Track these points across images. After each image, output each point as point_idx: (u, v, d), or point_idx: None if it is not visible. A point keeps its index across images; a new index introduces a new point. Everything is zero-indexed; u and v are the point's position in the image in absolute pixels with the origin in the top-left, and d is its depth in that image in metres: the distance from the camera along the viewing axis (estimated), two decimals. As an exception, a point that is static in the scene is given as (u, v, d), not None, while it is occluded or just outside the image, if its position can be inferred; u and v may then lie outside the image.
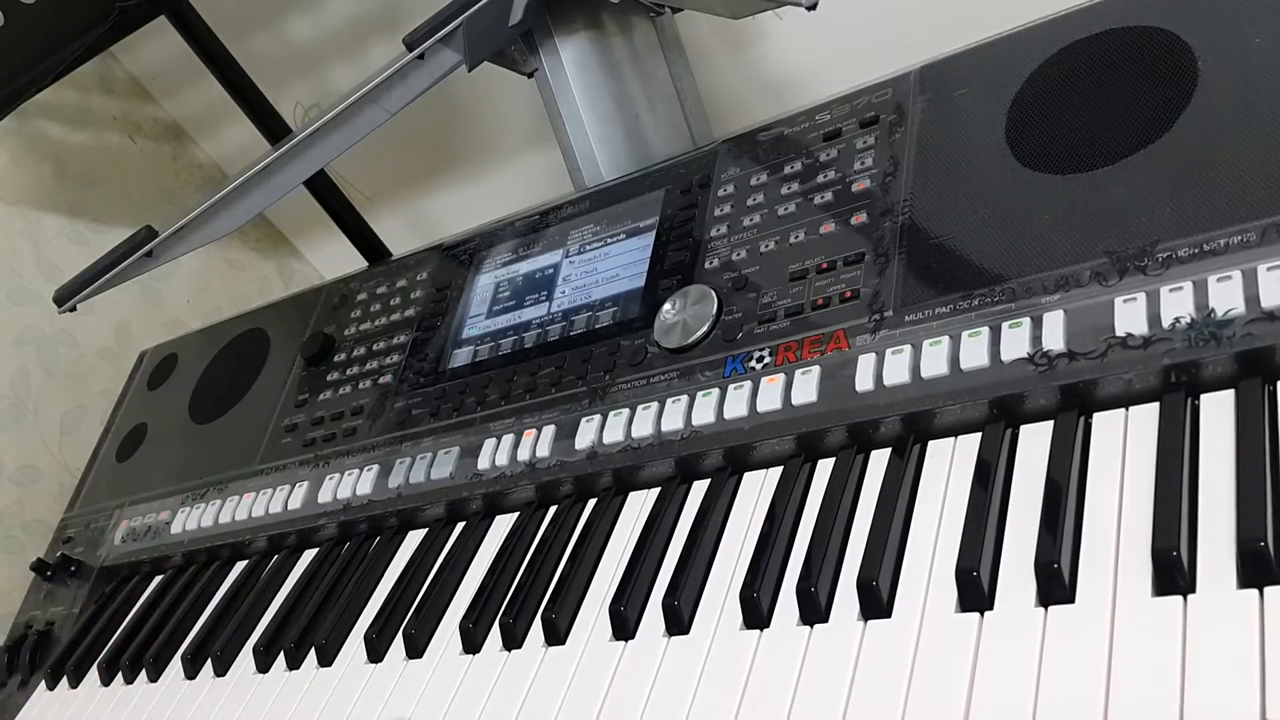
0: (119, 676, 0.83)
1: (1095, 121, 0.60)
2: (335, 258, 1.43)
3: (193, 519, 0.91)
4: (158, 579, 0.94)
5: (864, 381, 0.59)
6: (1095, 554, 0.47)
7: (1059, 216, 0.58)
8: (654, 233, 0.78)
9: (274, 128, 1.08)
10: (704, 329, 0.69)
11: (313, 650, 0.72)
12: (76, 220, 1.31)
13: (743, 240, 0.72)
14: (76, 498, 1.06)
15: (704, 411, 0.65)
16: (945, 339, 0.58)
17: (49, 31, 0.93)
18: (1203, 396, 0.51)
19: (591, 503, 0.69)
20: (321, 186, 1.10)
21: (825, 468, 0.60)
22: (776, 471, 0.62)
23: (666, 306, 0.72)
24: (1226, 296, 0.50)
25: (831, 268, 0.66)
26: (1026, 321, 0.55)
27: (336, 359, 0.93)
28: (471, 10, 0.80)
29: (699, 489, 0.65)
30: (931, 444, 0.57)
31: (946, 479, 0.55)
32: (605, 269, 0.79)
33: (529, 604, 0.64)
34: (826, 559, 0.54)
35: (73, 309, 0.98)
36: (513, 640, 0.63)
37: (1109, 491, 0.49)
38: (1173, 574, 0.44)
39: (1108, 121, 0.60)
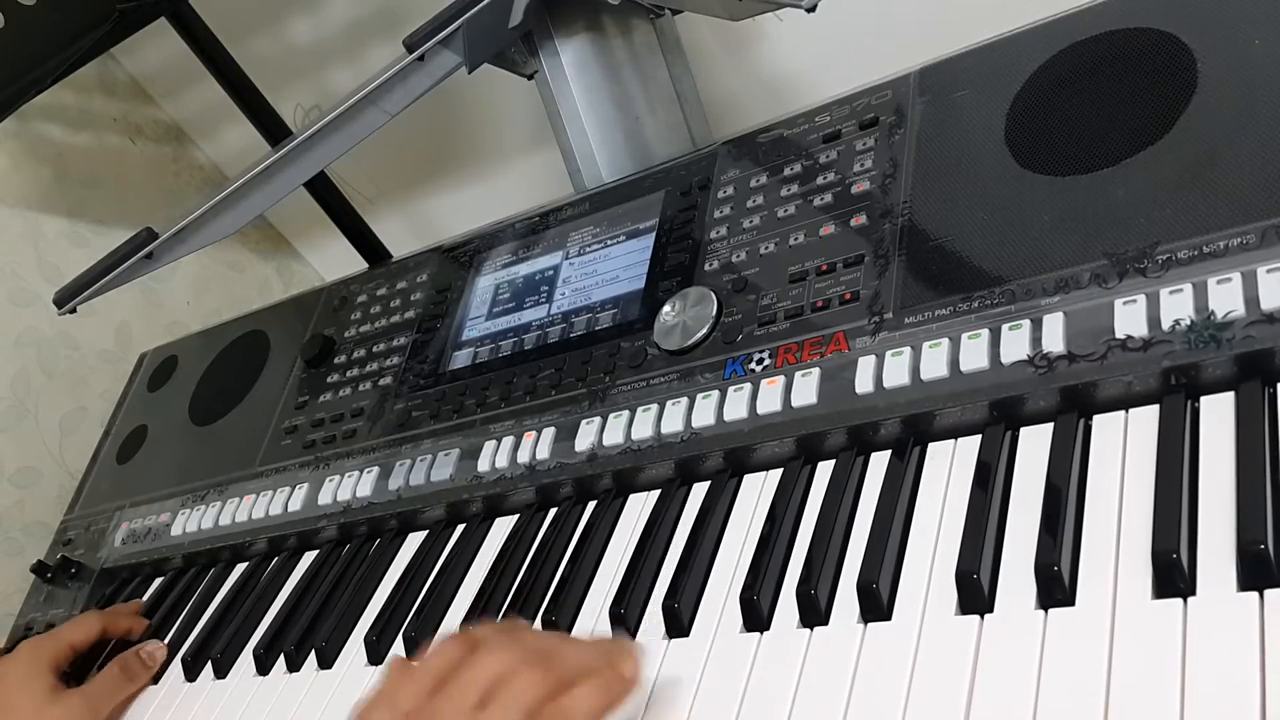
0: (119, 678, 0.83)
1: (1095, 123, 0.60)
2: (335, 259, 1.43)
3: (193, 521, 0.91)
4: (158, 581, 0.94)
5: (864, 383, 0.59)
6: (1095, 556, 0.47)
7: (1058, 218, 0.58)
8: (654, 234, 0.78)
9: (274, 129, 1.08)
10: (704, 331, 0.69)
11: (313, 652, 0.72)
12: (77, 222, 1.31)
13: (742, 242, 0.72)
14: (77, 500, 1.06)
15: (704, 413, 0.65)
16: (945, 341, 0.58)
17: (49, 33, 0.93)
18: (1203, 399, 0.51)
19: (591, 505, 0.69)
20: (322, 188, 1.10)
21: (825, 470, 0.60)
22: (776, 473, 0.62)
23: (666, 308, 0.72)
24: (1226, 299, 0.50)
25: (831, 269, 0.66)
26: (1026, 323, 0.55)
27: (336, 361, 0.93)
28: (471, 12, 0.80)
29: (699, 491, 0.65)
30: (931, 446, 0.57)
31: (946, 481, 0.55)
32: (605, 271, 0.79)
33: (529, 606, 0.64)
34: (826, 561, 0.54)
35: (73, 311, 0.97)
36: (513, 642, 0.62)
37: (1109, 494, 0.49)
38: (1173, 576, 0.44)
39: (1107, 123, 0.60)
